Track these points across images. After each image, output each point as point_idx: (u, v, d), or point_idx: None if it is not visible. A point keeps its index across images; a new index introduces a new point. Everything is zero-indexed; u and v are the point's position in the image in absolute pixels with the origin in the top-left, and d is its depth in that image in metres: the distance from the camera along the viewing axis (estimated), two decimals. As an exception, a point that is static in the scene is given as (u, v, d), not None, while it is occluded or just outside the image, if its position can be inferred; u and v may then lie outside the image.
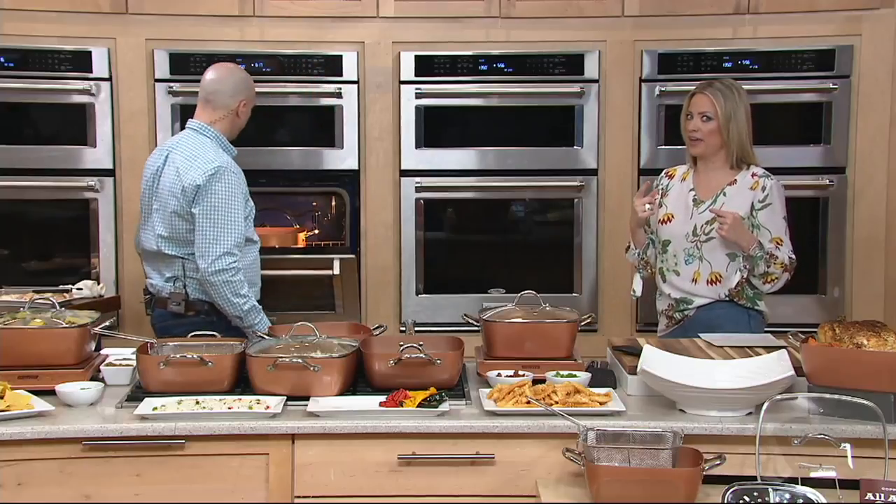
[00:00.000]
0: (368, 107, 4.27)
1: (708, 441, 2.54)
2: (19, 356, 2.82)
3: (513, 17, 4.23)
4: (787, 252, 3.39)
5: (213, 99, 3.48)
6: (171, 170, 3.42)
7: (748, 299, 3.45)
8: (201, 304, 3.44)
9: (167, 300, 3.43)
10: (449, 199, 4.34)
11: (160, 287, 3.48)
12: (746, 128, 3.44)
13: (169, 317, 3.44)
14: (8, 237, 4.32)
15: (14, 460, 2.55)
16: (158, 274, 3.49)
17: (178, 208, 3.38)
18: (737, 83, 3.49)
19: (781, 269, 3.36)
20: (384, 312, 4.26)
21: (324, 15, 4.22)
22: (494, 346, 3.01)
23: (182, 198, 3.37)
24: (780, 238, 3.39)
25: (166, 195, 3.42)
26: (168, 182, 3.42)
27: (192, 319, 3.40)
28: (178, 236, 3.42)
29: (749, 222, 3.39)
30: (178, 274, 3.43)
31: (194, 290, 3.43)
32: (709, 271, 3.42)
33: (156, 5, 4.16)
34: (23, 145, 4.20)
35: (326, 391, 2.75)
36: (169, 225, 3.42)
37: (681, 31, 4.23)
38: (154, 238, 3.45)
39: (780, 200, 3.43)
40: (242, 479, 2.62)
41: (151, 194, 3.48)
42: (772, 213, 3.41)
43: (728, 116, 3.40)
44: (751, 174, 3.45)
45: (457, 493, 2.62)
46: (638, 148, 4.29)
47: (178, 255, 3.43)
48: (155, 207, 3.45)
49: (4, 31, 4.10)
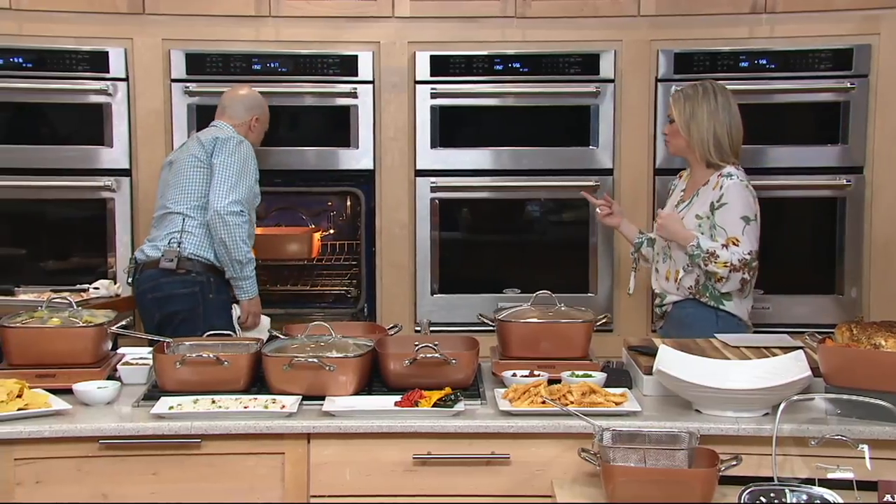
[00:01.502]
0: (384, 107, 4.27)
1: (724, 442, 2.53)
2: (37, 355, 2.84)
3: (528, 16, 4.22)
4: (741, 252, 3.38)
5: (227, 110, 3.84)
6: (193, 141, 3.76)
7: (713, 298, 3.46)
8: (192, 263, 3.63)
9: (159, 259, 3.62)
10: (464, 198, 4.34)
11: (150, 252, 3.68)
12: (714, 127, 3.47)
13: (160, 275, 3.62)
14: (26, 237, 4.34)
15: (32, 458, 2.57)
16: (154, 240, 3.71)
17: (197, 161, 3.67)
18: (713, 84, 3.54)
19: (727, 269, 3.37)
20: (399, 312, 4.27)
21: (339, 15, 4.23)
22: (510, 346, 3.00)
23: (201, 152, 3.68)
24: (737, 238, 3.39)
25: (185, 157, 3.72)
26: (189, 148, 3.74)
27: (182, 277, 3.61)
28: (189, 187, 3.67)
29: (708, 222, 3.43)
30: (176, 230, 3.63)
31: (190, 246, 3.64)
32: (674, 269, 3.52)
33: (172, 6, 4.17)
34: (40, 145, 4.23)
35: (342, 391, 2.75)
36: (183, 178, 3.68)
37: (697, 31, 4.21)
38: (164, 204, 3.71)
39: (738, 200, 3.41)
40: (258, 479, 2.62)
41: (168, 173, 3.78)
42: (727, 213, 3.41)
43: (687, 118, 3.48)
44: (718, 174, 3.47)
45: (472, 493, 2.62)
46: (654, 148, 4.28)
47: (182, 211, 3.66)
48: (171, 179, 3.73)
49: (23, 31, 4.13)
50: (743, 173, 3.50)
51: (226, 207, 3.61)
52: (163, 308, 3.63)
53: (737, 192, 3.42)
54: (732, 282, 3.42)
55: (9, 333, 2.86)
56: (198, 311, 3.59)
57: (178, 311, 3.61)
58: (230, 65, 4.19)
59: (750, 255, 3.40)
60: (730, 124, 3.50)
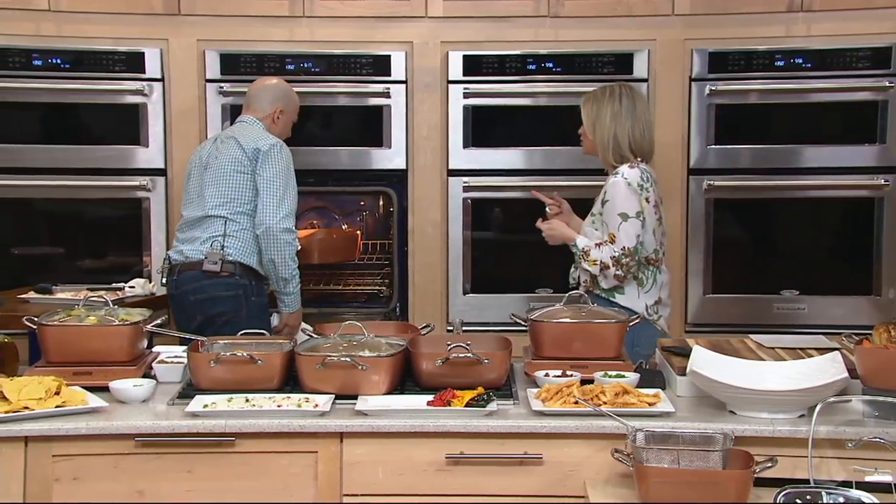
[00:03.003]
0: (416, 106, 4.28)
1: (759, 443, 2.51)
2: (74, 353, 2.87)
3: (561, 16, 4.22)
4: (611, 249, 3.47)
5: (252, 103, 3.80)
6: (230, 143, 3.69)
7: (604, 291, 3.55)
8: (234, 266, 3.61)
9: (202, 261, 3.60)
10: (496, 198, 4.34)
11: (190, 253, 3.64)
12: (615, 129, 3.53)
13: (203, 277, 3.60)
14: (63, 236, 4.39)
15: (70, 455, 2.59)
16: (192, 242, 3.66)
17: (240, 167, 3.65)
18: (622, 87, 3.59)
19: (597, 267, 3.48)
20: (431, 312, 4.27)
21: (373, 15, 4.24)
22: (542, 346, 2.99)
23: (243, 157, 3.65)
24: (613, 234, 3.48)
25: (225, 161, 3.67)
26: (228, 150, 3.69)
27: (225, 280, 3.59)
28: (232, 193, 3.64)
29: (599, 219, 3.54)
30: (219, 234, 3.60)
31: (233, 249, 3.61)
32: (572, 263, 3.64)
33: (207, 6, 4.21)
34: (77, 145, 4.27)
35: (374, 390, 2.76)
36: (226, 183, 3.65)
37: (732, 30, 4.19)
38: (202, 205, 3.66)
39: (617, 197, 3.48)
40: (291, 477, 2.63)
41: (202, 172, 3.71)
42: (609, 210, 3.50)
43: (592, 120, 3.57)
44: (613, 173, 3.54)
45: (504, 492, 2.61)
46: (688, 147, 4.25)
47: (224, 215, 3.63)
48: (209, 180, 3.68)
49: (62, 32, 4.17)
50: (637, 173, 3.50)
51: (278, 224, 3.60)
52: (206, 310, 3.62)
53: (617, 189, 3.49)
54: (608, 279, 3.51)
55: (47, 331, 2.89)
56: (241, 314, 3.58)
57: (222, 313, 3.61)
58: (264, 65, 4.22)
59: (623, 250, 3.46)
60: (632, 127, 3.54)
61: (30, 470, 2.58)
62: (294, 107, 3.88)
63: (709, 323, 4.27)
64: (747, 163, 4.26)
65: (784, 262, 4.37)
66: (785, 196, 4.28)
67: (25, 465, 2.58)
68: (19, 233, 4.38)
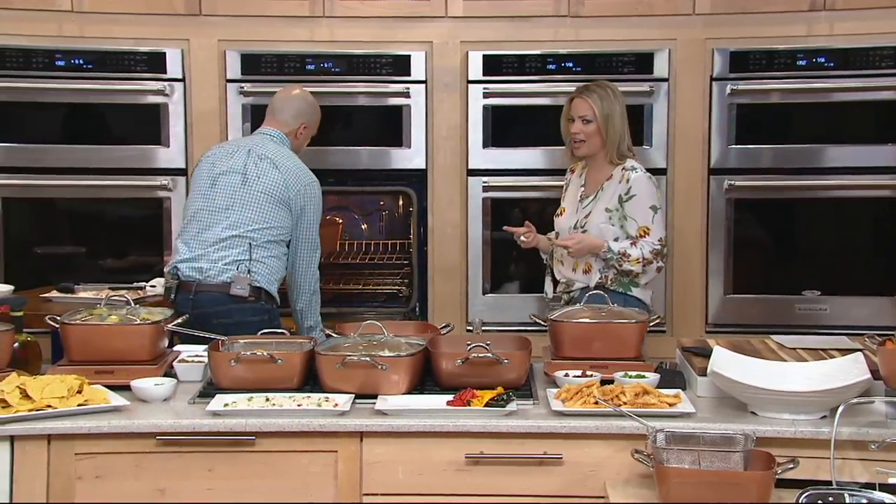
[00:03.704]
0: (436, 106, 4.28)
1: (780, 444, 2.50)
2: (96, 352, 2.89)
3: (582, 15, 4.21)
4: (651, 243, 3.54)
5: (277, 114, 3.67)
6: (266, 166, 3.53)
7: (622, 285, 3.60)
8: (260, 292, 3.48)
9: (228, 284, 3.42)
10: (516, 198, 4.33)
11: (212, 272, 3.45)
12: (622, 126, 3.61)
13: (229, 300, 3.42)
14: (85, 235, 4.42)
15: (92, 453, 2.61)
16: (213, 260, 3.46)
17: (281, 195, 3.51)
18: (612, 84, 3.67)
19: (640, 265, 3.53)
20: (451, 312, 4.27)
21: (393, 15, 4.24)
22: (562, 346, 2.99)
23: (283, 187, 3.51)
24: (647, 227, 3.55)
25: (267, 185, 3.50)
26: (268, 174, 3.52)
27: (252, 305, 3.43)
28: (270, 221, 3.50)
29: (617, 214, 3.57)
30: (245, 258, 3.46)
31: (261, 276, 3.47)
32: (583, 262, 3.64)
33: (228, 7, 4.22)
34: (99, 145, 4.29)
35: (394, 389, 2.76)
36: (264, 209, 3.49)
37: (753, 29, 4.16)
38: (231, 223, 3.47)
39: (645, 191, 3.56)
40: (312, 476, 2.64)
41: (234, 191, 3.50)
42: (636, 204, 3.55)
43: (606, 117, 3.59)
44: (622, 168, 3.61)
45: (524, 492, 2.61)
46: (708, 147, 4.23)
47: (253, 237, 3.47)
48: (246, 200, 3.50)
49: (85, 33, 4.20)
50: (642, 166, 3.64)
51: (313, 282, 3.60)
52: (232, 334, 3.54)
53: (642, 183, 3.57)
54: (647, 274, 3.58)
55: (69, 330, 2.91)
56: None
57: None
58: (284, 65, 4.23)
59: (660, 242, 3.55)
60: (627, 123, 3.65)
61: (53, 468, 2.60)
62: (317, 121, 3.77)
63: (729, 323, 4.25)
64: (768, 163, 4.24)
65: (805, 263, 4.35)
66: (806, 196, 4.25)
67: (48, 462, 2.60)
68: (42, 232, 4.41)
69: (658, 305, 4.20)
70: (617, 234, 3.58)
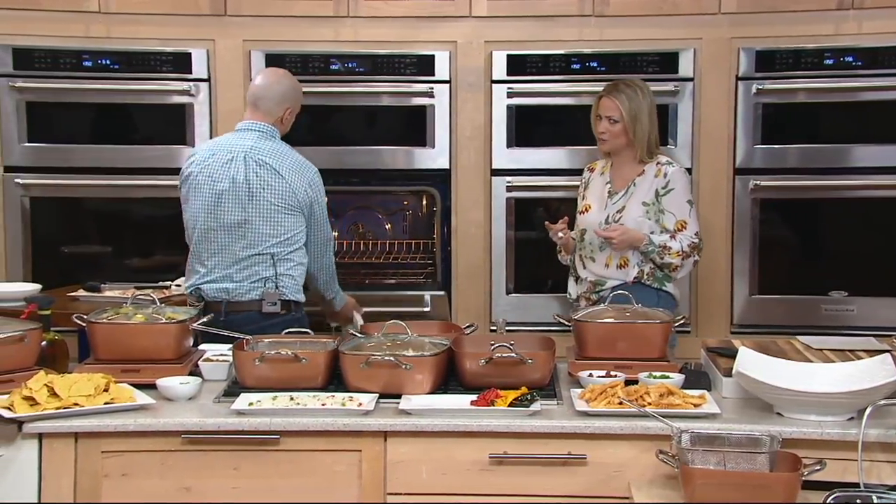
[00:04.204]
0: (460, 106, 4.28)
1: (807, 446, 2.48)
2: (122, 350, 2.91)
3: (606, 15, 4.19)
4: (689, 237, 3.60)
5: (260, 104, 3.50)
6: (268, 171, 3.40)
7: (657, 280, 3.64)
8: (289, 304, 3.44)
9: (258, 301, 3.40)
10: (540, 198, 4.33)
11: (238, 292, 3.42)
12: (650, 125, 3.64)
13: (261, 318, 3.39)
14: (111, 235, 4.44)
15: (119, 451, 2.63)
16: (238, 280, 3.42)
17: (292, 202, 3.43)
18: (640, 83, 3.68)
19: (679, 258, 3.58)
20: (474, 311, 4.27)
21: (417, 15, 4.24)
22: (586, 346, 2.99)
23: (290, 194, 3.42)
24: (685, 220, 3.61)
25: (275, 195, 3.40)
26: (273, 183, 3.40)
27: (283, 318, 3.38)
28: (286, 233, 3.43)
29: (654, 208, 3.61)
30: (271, 274, 3.42)
31: (288, 289, 3.43)
32: (618, 256, 3.64)
33: (253, 7, 4.24)
34: (125, 145, 4.32)
35: (418, 389, 2.76)
36: (278, 222, 3.41)
37: (780, 28, 4.14)
38: (248, 241, 3.41)
39: (683, 185, 3.64)
40: (336, 476, 2.65)
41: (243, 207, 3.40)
42: (674, 198, 3.61)
43: (633, 118, 3.61)
44: (656, 163, 3.66)
45: (548, 492, 2.61)
46: (734, 147, 4.21)
47: (275, 251, 3.42)
48: (256, 214, 3.40)
49: (111, 34, 4.23)
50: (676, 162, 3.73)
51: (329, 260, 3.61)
52: None
53: (680, 177, 3.64)
54: (685, 268, 3.63)
55: (95, 329, 2.93)
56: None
57: None
58: (308, 65, 4.24)
59: (697, 235, 3.62)
60: (656, 121, 3.68)
61: (80, 465, 2.62)
62: (300, 100, 3.59)
63: (755, 324, 4.23)
64: (794, 162, 4.21)
65: (832, 263, 4.31)
66: (833, 196, 4.22)
67: (76, 460, 2.62)
68: (69, 232, 4.44)
69: (683, 306, 4.17)
70: (653, 228, 3.61)
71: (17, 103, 4.24)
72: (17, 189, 4.27)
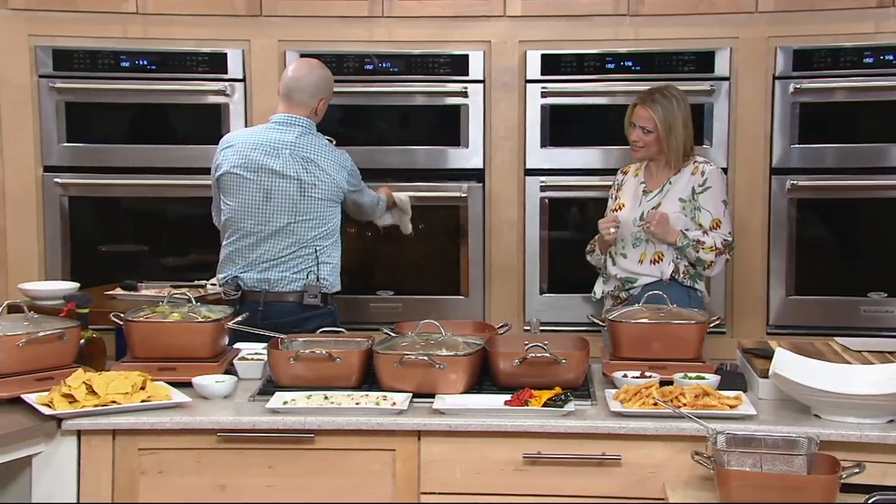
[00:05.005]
0: (494, 106, 4.27)
1: (845, 448, 2.46)
2: (158, 349, 2.94)
3: (641, 14, 4.17)
4: (722, 235, 3.62)
5: (295, 96, 3.56)
6: (313, 168, 3.50)
7: (690, 278, 3.66)
8: (328, 297, 3.52)
9: (299, 293, 3.47)
10: (574, 198, 4.31)
11: (279, 283, 3.48)
12: (685, 134, 3.66)
13: (301, 310, 3.46)
14: (148, 234, 4.48)
15: (155, 449, 2.65)
16: (278, 269, 3.49)
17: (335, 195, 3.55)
18: (676, 91, 3.71)
19: (713, 253, 3.59)
20: (508, 311, 4.26)
21: (451, 15, 4.24)
22: (620, 346, 2.98)
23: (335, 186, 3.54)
24: (720, 219, 3.64)
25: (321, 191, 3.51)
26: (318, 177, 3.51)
27: (322, 310, 3.48)
28: (328, 225, 3.53)
29: (691, 205, 3.64)
30: (312, 265, 3.48)
31: (328, 279, 3.51)
32: (653, 251, 3.66)
33: (288, 7, 4.25)
34: (162, 145, 4.35)
35: (452, 389, 2.77)
36: (321, 215, 3.51)
37: (818, 27, 4.09)
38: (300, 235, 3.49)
39: (719, 184, 3.68)
40: (370, 475, 2.65)
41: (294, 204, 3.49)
42: (711, 196, 3.65)
43: (667, 128, 3.64)
44: (692, 163, 3.70)
45: (582, 493, 2.60)
46: (770, 147, 4.17)
47: (317, 244, 3.50)
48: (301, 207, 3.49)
49: (148, 34, 4.26)
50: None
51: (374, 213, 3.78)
52: None
53: (717, 176, 3.69)
54: (718, 265, 3.65)
55: (132, 328, 2.96)
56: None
57: None
58: (343, 65, 4.25)
59: (730, 234, 3.66)
60: (692, 128, 3.72)
61: (117, 462, 2.65)
62: (332, 89, 3.66)
63: (791, 325, 4.19)
64: (832, 162, 4.17)
65: (871, 264, 4.26)
66: (871, 196, 4.18)
67: (113, 457, 2.65)
68: (106, 231, 4.48)
69: (718, 306, 4.15)
70: (688, 224, 3.63)
71: (56, 104, 4.28)
72: (56, 189, 4.31)
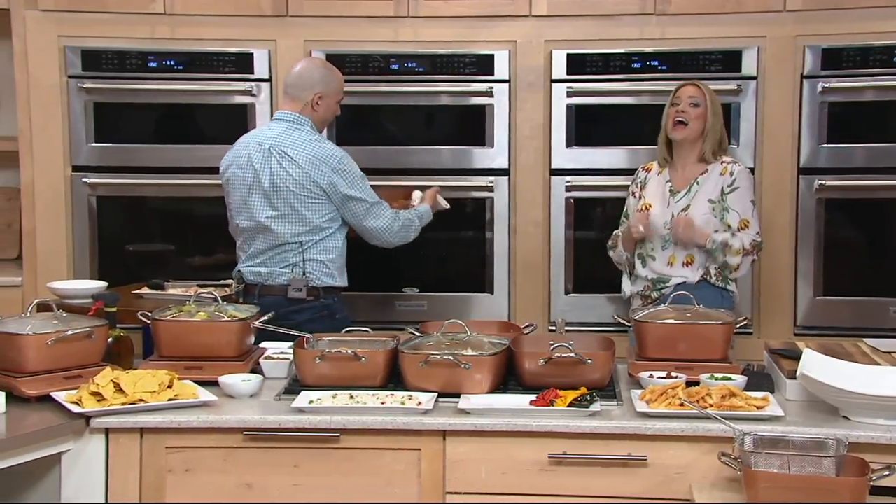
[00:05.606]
0: (519, 105, 4.27)
1: (875, 450, 2.44)
2: (185, 348, 2.95)
3: (668, 13, 4.15)
4: (751, 235, 3.61)
5: (290, 91, 3.64)
6: (288, 162, 3.51)
7: (722, 279, 3.65)
8: (318, 290, 3.55)
9: (285, 287, 3.54)
10: (599, 198, 4.30)
11: (269, 277, 3.57)
12: (721, 127, 3.69)
13: (287, 304, 3.51)
14: (174, 233, 4.51)
15: (182, 447, 2.67)
16: (268, 265, 3.58)
17: (314, 188, 3.51)
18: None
19: (740, 255, 3.58)
20: (533, 311, 4.26)
21: (476, 14, 4.24)
22: (646, 346, 2.96)
23: (304, 177, 3.51)
24: (748, 220, 3.63)
25: (297, 185, 3.51)
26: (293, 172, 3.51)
27: (310, 304, 3.53)
28: (311, 220, 3.53)
29: (720, 205, 3.62)
30: (298, 260, 3.54)
31: (315, 273, 3.54)
32: (684, 254, 3.65)
33: (314, 8, 4.27)
34: (189, 144, 4.38)
35: (477, 389, 2.76)
36: (301, 210, 3.52)
37: (847, 25, 4.06)
38: (273, 230, 3.55)
39: (748, 184, 3.67)
40: (395, 474, 2.66)
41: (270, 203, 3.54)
42: (739, 196, 3.63)
43: (715, 106, 3.65)
44: (720, 162, 3.68)
45: (608, 493, 2.59)
46: (798, 146, 4.15)
47: (301, 240, 3.54)
48: (279, 203, 3.53)
49: (175, 35, 4.29)
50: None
51: (393, 238, 3.64)
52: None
53: (745, 176, 3.67)
54: (745, 266, 3.64)
55: (159, 326, 2.98)
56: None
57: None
58: (368, 65, 4.26)
59: (759, 235, 3.64)
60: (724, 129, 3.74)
61: (145, 460, 2.66)
62: (335, 86, 3.64)
63: (819, 326, 4.16)
64: (861, 162, 4.14)
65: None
66: (901, 196, 4.15)
67: (141, 455, 2.66)
68: (133, 230, 4.52)
69: (745, 307, 4.13)
70: (718, 226, 3.62)
71: (84, 104, 4.32)
72: (85, 188, 4.35)
